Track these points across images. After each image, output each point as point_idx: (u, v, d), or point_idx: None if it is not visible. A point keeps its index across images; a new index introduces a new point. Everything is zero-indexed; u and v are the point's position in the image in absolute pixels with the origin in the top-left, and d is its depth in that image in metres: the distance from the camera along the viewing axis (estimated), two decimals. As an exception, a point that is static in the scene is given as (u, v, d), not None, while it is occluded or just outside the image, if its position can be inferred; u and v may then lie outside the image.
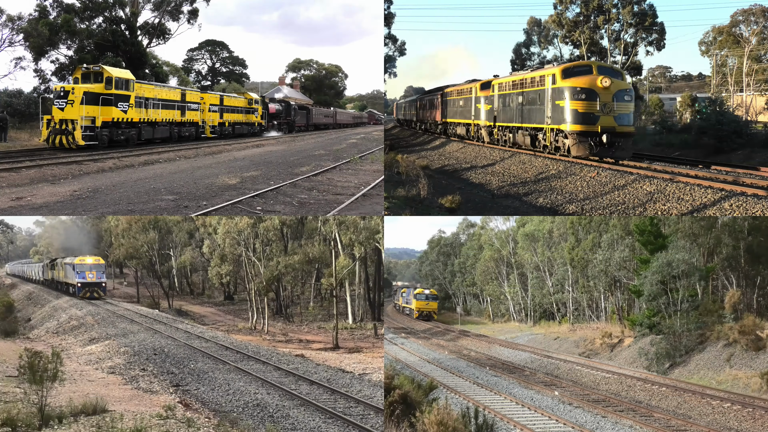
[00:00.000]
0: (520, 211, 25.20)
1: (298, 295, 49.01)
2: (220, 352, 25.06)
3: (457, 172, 33.91)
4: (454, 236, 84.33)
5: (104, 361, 24.75)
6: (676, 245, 27.86)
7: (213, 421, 15.21)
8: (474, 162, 36.46)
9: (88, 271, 47.15)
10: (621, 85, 27.83)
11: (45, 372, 15.26)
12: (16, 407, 15.48)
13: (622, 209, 21.09)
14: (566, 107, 28.03)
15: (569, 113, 27.82)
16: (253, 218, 38.29)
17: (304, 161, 33.05)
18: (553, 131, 29.69)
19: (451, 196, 23.32)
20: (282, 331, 37.88)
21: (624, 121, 27.34)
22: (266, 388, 18.90)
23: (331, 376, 20.97)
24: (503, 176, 30.08)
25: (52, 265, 56.66)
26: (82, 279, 46.91)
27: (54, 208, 18.60)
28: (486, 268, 59.88)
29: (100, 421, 14.77)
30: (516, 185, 27.37)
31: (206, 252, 48.29)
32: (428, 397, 16.80)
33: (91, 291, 46.95)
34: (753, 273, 30.95)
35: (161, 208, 18.89)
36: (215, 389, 18.90)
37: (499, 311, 60.45)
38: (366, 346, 31.19)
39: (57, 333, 34.80)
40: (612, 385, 22.08)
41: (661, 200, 20.41)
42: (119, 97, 36.37)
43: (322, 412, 16.05)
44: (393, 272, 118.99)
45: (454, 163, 37.58)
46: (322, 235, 42.24)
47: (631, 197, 21.61)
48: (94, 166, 27.07)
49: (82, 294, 46.46)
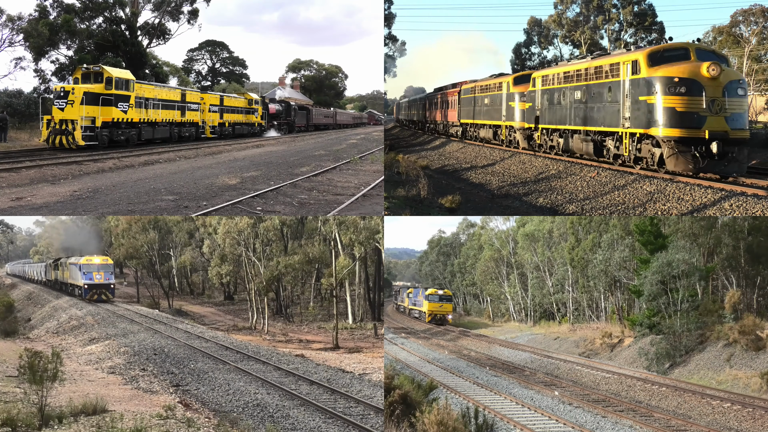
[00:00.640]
0: (520, 211, 25.18)
1: (298, 295, 48.97)
2: (220, 352, 25.05)
3: (457, 172, 33.94)
4: (454, 236, 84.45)
5: (104, 361, 24.72)
6: (676, 245, 27.85)
7: (213, 421, 15.19)
8: (474, 162, 36.48)
9: (95, 271, 44.56)
10: (732, 75, 21.80)
11: (45, 372, 15.22)
12: (16, 407, 15.43)
13: (622, 209, 21.09)
14: (657, 105, 21.85)
15: (662, 113, 21.69)
16: (253, 218, 38.28)
17: (304, 161, 33.06)
18: (634, 137, 23.68)
19: (451, 196, 23.34)
20: (282, 331, 37.87)
21: (738, 123, 21.35)
22: (266, 388, 18.88)
23: (331, 376, 20.96)
24: (503, 176, 30.10)
25: (56, 265, 54.82)
26: (89, 280, 44.43)
27: (54, 208, 18.60)
28: (486, 268, 59.88)
29: (100, 421, 14.75)
30: (516, 185, 27.39)
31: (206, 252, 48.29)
32: (428, 397, 16.81)
33: (99, 293, 44.45)
34: (753, 273, 30.95)
35: (161, 208, 18.89)
36: (215, 389, 18.88)
37: (499, 311, 60.46)
38: (366, 346, 31.19)
39: (57, 333, 34.77)
40: (612, 385, 22.09)
41: (661, 200, 20.41)
42: (119, 97, 36.38)
43: (322, 412, 16.03)
44: (393, 272, 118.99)
45: (454, 163, 37.61)
46: (322, 235, 42.21)
47: (631, 197, 21.61)
48: (94, 167, 27.06)
49: (89, 296, 44.14)
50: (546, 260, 49.62)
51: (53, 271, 55.35)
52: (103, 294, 44.61)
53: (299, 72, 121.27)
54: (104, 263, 45.42)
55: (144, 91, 39.72)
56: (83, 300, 43.85)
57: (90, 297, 44.03)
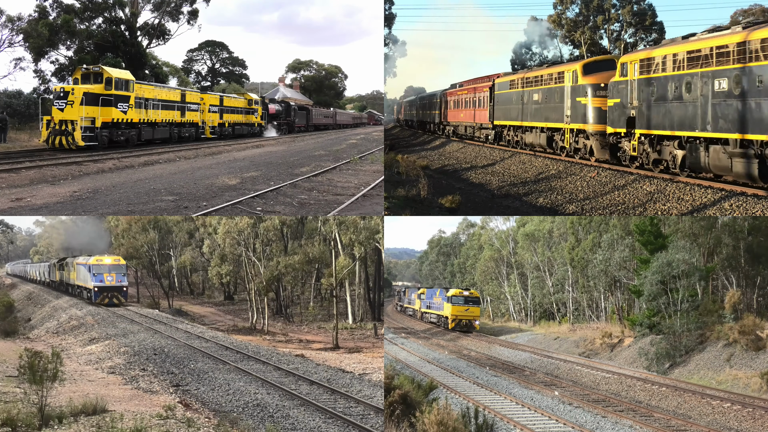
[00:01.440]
0: (520, 211, 25.19)
1: (298, 295, 48.95)
2: (220, 352, 25.00)
3: (457, 172, 33.95)
4: (454, 236, 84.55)
5: (104, 361, 24.67)
6: (676, 245, 27.83)
7: (213, 421, 15.16)
8: (474, 162, 36.49)
9: (106, 273, 41.09)
10: None
11: (45, 372, 15.18)
12: (16, 407, 15.37)
13: (622, 209, 21.09)
14: None
15: None
16: (253, 218, 38.28)
17: (304, 162, 33.06)
18: None
19: (451, 196, 23.36)
20: (282, 331, 37.83)
21: None
22: (266, 388, 18.83)
23: (331, 376, 20.94)
24: (503, 176, 30.11)
25: (61, 265, 52.19)
26: (100, 282, 40.88)
27: (54, 208, 18.61)
28: (486, 268, 59.86)
29: (100, 421, 14.74)
30: (516, 185, 27.39)
31: (206, 252, 48.26)
32: (428, 397, 16.81)
33: (110, 296, 40.98)
34: (753, 273, 30.95)
35: (161, 208, 18.89)
36: (215, 389, 18.85)
37: (499, 311, 60.45)
38: (366, 346, 31.18)
39: (57, 333, 34.72)
40: (612, 385, 22.08)
41: (661, 200, 20.42)
42: (119, 97, 36.38)
43: (322, 412, 16.01)
44: (393, 272, 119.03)
45: (454, 163, 37.63)
46: (322, 235, 42.25)
47: (631, 197, 21.62)
48: (93, 167, 27.06)
49: (99, 300, 40.70)
50: (546, 260, 49.61)
51: (58, 271, 53.35)
52: (115, 297, 41.21)
53: (299, 72, 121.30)
54: (116, 263, 42.16)
55: (144, 92, 39.72)
56: (92, 304, 40.90)
57: (100, 301, 40.82)
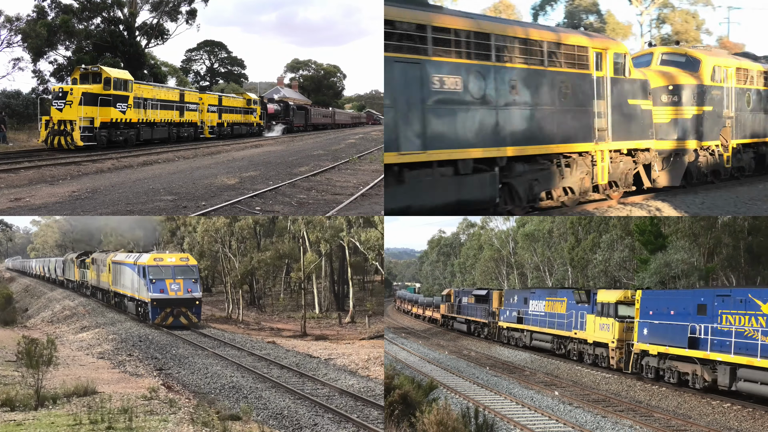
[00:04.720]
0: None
1: (269, 287, 51.49)
2: (199, 339, 26.80)
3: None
4: (454, 236, 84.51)
5: (94, 347, 26.21)
6: (675, 245, 27.81)
7: (193, 401, 16.34)
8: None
9: (169, 279, 29.06)
10: None
11: (41, 357, 16.62)
12: (14, 389, 16.84)
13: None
14: None
15: None
16: (229, 218, 39.36)
17: (302, 161, 33.01)
18: None
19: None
20: (255, 320, 39.83)
21: None
22: (241, 372, 20.32)
23: (299, 360, 22.66)
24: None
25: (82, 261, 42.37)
26: (161, 293, 28.80)
27: (53, 208, 18.60)
28: (486, 268, 59.85)
29: (91, 401, 16.01)
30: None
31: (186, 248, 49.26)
32: (428, 397, 16.75)
33: (176, 314, 29.00)
34: (753, 273, 30.92)
35: (160, 208, 18.85)
36: (195, 373, 20.37)
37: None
38: (331, 333, 33.09)
39: (51, 322, 36.96)
40: (612, 385, 22.04)
41: (661, 200, 20.38)
42: (118, 97, 36.33)
43: (291, 394, 17.35)
44: (393, 272, 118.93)
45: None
46: (292, 234, 44.40)
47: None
48: (92, 167, 27.06)
49: (160, 319, 28.78)
50: (546, 260, 49.58)
51: (78, 269, 43.70)
52: (183, 316, 29.17)
53: (298, 72, 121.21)
54: (183, 264, 30.22)
55: (142, 92, 39.67)
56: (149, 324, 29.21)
57: (161, 320, 28.88)
